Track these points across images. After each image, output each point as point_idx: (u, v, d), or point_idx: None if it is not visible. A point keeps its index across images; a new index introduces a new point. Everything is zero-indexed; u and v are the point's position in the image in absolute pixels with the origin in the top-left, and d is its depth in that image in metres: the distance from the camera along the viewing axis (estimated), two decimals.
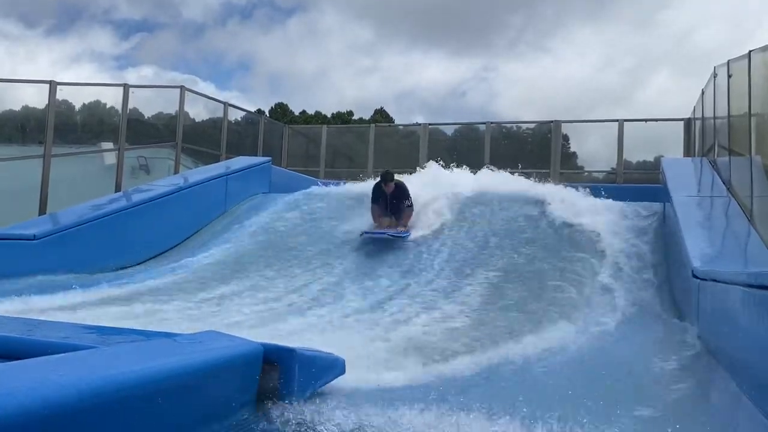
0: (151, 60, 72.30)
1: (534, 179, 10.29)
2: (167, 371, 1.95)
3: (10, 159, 10.53)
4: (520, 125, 17.59)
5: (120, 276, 7.28)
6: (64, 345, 2.39)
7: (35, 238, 7.09)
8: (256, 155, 13.94)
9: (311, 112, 39.71)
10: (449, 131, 17.24)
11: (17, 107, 12.25)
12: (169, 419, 1.93)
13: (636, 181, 12.92)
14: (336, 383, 2.92)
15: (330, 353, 2.99)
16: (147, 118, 13.51)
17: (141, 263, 8.11)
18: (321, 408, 2.55)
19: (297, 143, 17.38)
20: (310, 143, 17.30)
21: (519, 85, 68.48)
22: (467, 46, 77.00)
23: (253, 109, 23.98)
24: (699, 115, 11.11)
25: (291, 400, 2.49)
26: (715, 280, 3.96)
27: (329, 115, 38.35)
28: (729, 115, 7.35)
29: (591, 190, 9.26)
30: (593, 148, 15.88)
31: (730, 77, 7.30)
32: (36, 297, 5.57)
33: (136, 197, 8.90)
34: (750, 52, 5.93)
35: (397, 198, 8.90)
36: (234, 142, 14.23)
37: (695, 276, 4.60)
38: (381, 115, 37.55)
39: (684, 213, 6.25)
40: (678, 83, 54.42)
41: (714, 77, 8.99)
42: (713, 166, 8.50)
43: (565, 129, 14.97)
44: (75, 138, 12.38)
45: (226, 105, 14.08)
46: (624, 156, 13.77)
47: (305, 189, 10.94)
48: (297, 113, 39.04)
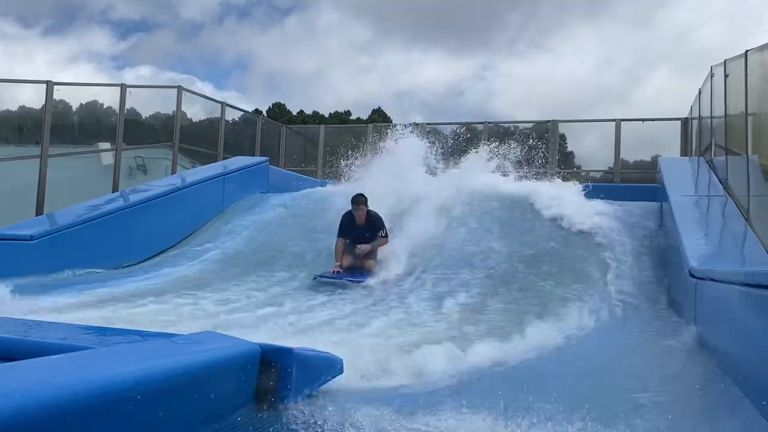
0: (149, 60, 72.34)
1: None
2: (165, 372, 1.95)
3: (6, 159, 10.51)
4: (517, 125, 17.60)
5: (114, 277, 7.26)
6: (61, 346, 2.39)
7: (32, 238, 7.07)
8: (253, 155, 13.94)
9: (309, 111, 39.76)
10: (447, 131, 17.23)
11: (14, 107, 12.25)
12: (167, 420, 1.92)
13: (633, 181, 12.94)
14: (334, 383, 2.92)
15: (328, 353, 2.98)
16: (144, 118, 13.51)
17: (139, 263, 8.10)
18: (319, 408, 2.54)
19: (295, 143, 17.36)
20: (307, 143, 17.29)
21: (518, 84, 68.64)
22: (466, 44, 77.16)
23: (251, 109, 23.98)
24: (696, 115, 11.13)
25: (289, 400, 2.48)
26: (713, 279, 3.96)
27: (327, 115, 38.38)
28: (726, 115, 7.37)
29: (587, 189, 9.19)
30: (591, 147, 15.94)
31: (726, 77, 7.32)
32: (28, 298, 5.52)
33: (133, 197, 8.88)
34: (746, 51, 5.95)
35: (371, 230, 7.34)
36: (231, 142, 14.22)
37: (692, 275, 4.61)
38: (379, 115, 37.59)
39: (681, 212, 6.26)
40: (677, 82, 54.63)
41: (711, 77, 9.00)
42: (710, 165, 8.52)
43: (563, 128, 15.00)
44: (72, 138, 12.38)
45: (223, 105, 14.07)
46: (621, 155, 13.80)
47: (306, 189, 10.97)
48: (294, 113, 39.06)
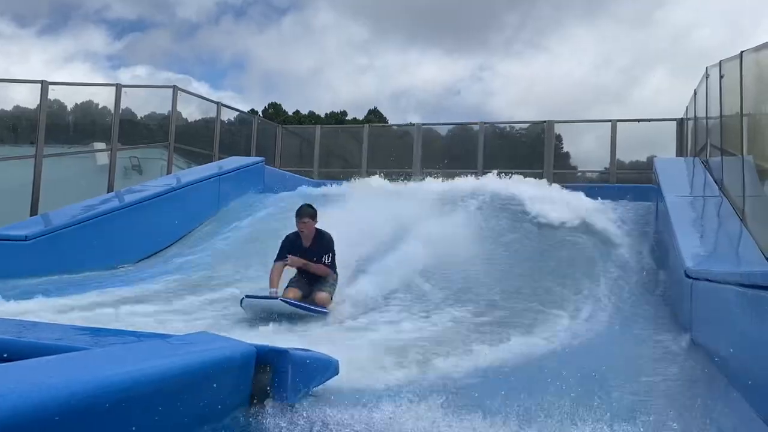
0: (145, 60, 72.15)
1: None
2: (160, 373, 1.94)
3: (1, 159, 10.46)
4: (513, 125, 17.63)
5: (109, 277, 7.25)
6: (56, 347, 2.38)
7: (27, 239, 7.05)
8: (249, 155, 13.92)
9: (305, 112, 39.69)
10: (443, 131, 17.27)
11: (9, 107, 12.19)
12: (163, 420, 1.92)
13: (629, 181, 12.96)
14: (330, 384, 2.91)
15: (324, 354, 2.98)
16: (140, 118, 13.46)
17: (133, 264, 8.08)
18: (315, 409, 2.54)
19: (290, 143, 17.34)
20: (303, 143, 17.27)
21: (515, 84, 68.67)
22: (463, 44, 77.11)
23: (247, 109, 23.96)
24: (691, 116, 11.16)
25: (285, 400, 2.48)
26: (708, 279, 3.97)
27: (323, 115, 38.34)
28: (721, 116, 7.39)
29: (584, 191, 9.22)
30: (586, 148, 15.95)
31: (722, 78, 7.34)
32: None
33: (128, 198, 8.87)
34: (742, 52, 5.96)
35: (318, 254, 5.75)
36: (227, 142, 14.19)
37: (688, 275, 4.62)
38: (375, 115, 37.57)
39: (677, 213, 6.28)
40: (675, 82, 54.71)
41: (706, 77, 9.03)
42: (705, 165, 8.54)
43: (559, 129, 15.01)
44: (67, 138, 12.33)
45: (219, 105, 14.04)
46: (617, 156, 13.83)
47: (298, 188, 10.97)
48: (290, 113, 39.00)
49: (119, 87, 11.52)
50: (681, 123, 13.06)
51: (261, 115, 30.05)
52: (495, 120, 25.29)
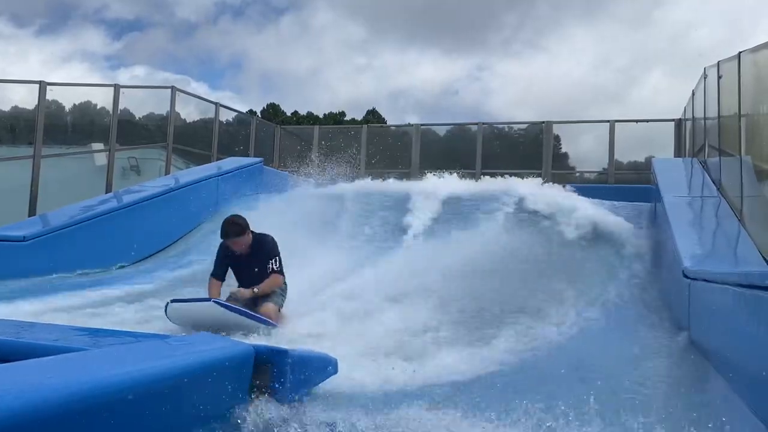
0: (144, 60, 72.12)
1: None
2: (159, 373, 1.94)
3: None
4: (512, 126, 17.65)
5: (107, 277, 7.24)
6: (54, 347, 2.38)
7: (25, 239, 7.04)
8: (247, 156, 13.91)
9: (303, 112, 39.72)
10: (441, 132, 17.28)
11: (7, 108, 12.19)
12: (161, 421, 1.92)
13: (627, 182, 12.98)
14: (329, 383, 2.91)
15: (322, 353, 2.98)
16: (138, 118, 13.46)
17: (132, 264, 8.07)
18: (314, 408, 2.54)
19: (289, 144, 17.34)
20: (302, 144, 17.27)
21: (513, 84, 68.77)
22: (462, 44, 77.25)
23: (245, 110, 23.94)
24: (689, 116, 11.17)
25: (283, 400, 2.48)
26: (706, 279, 3.98)
27: (321, 116, 38.35)
28: (719, 116, 7.39)
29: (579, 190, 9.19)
30: (585, 148, 15.98)
31: (720, 78, 7.35)
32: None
33: (126, 198, 8.85)
34: (740, 53, 5.97)
35: (259, 261, 5.09)
36: (225, 142, 14.18)
37: (686, 276, 4.62)
38: (373, 116, 37.59)
39: (675, 213, 6.28)
40: (673, 82, 54.81)
41: (704, 78, 9.04)
42: (704, 166, 8.55)
43: (557, 129, 15.02)
44: (65, 139, 12.33)
45: (217, 105, 14.04)
46: (615, 156, 13.84)
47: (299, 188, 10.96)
48: (289, 114, 39.03)
49: (117, 87, 11.52)
50: (679, 123, 13.08)
51: (259, 116, 30.06)
52: (493, 120, 25.30)
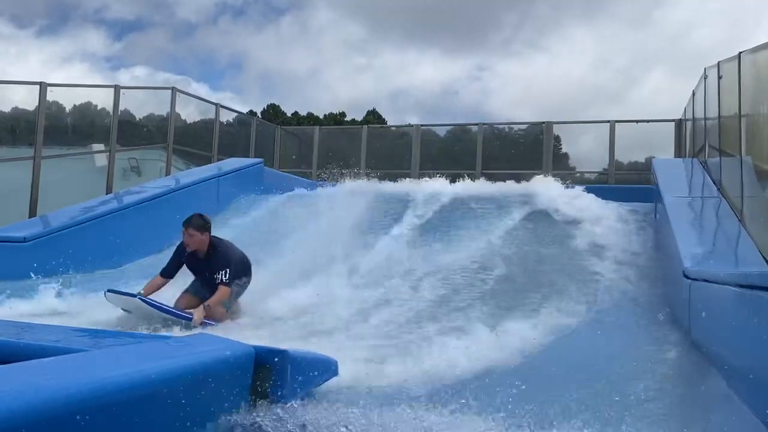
0: (144, 60, 72.23)
1: None
2: (159, 374, 1.94)
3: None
4: (512, 126, 17.65)
5: (106, 277, 7.24)
6: (54, 348, 2.37)
7: (26, 240, 7.04)
8: (248, 157, 13.91)
9: (303, 113, 39.75)
10: (442, 132, 17.28)
11: (7, 109, 12.18)
12: (161, 422, 1.92)
13: (628, 182, 12.98)
14: (329, 384, 2.91)
15: (323, 354, 2.98)
16: (138, 119, 13.46)
17: (132, 265, 8.07)
18: (314, 409, 2.54)
19: (289, 145, 17.35)
20: (302, 145, 17.29)
21: (513, 84, 68.79)
22: (462, 44, 77.29)
23: (246, 111, 23.95)
24: (690, 116, 11.17)
25: (284, 402, 2.48)
26: (707, 280, 3.97)
27: (321, 116, 38.37)
28: (719, 116, 7.39)
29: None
30: (585, 148, 15.97)
31: (720, 78, 7.35)
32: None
33: (127, 199, 8.85)
34: (740, 53, 5.97)
35: (211, 268, 5.27)
36: (226, 143, 14.19)
37: (687, 276, 4.62)
38: (373, 116, 37.61)
39: (675, 213, 6.28)
40: (674, 82, 54.85)
41: (704, 78, 9.04)
42: (704, 166, 8.55)
43: (557, 130, 15.02)
44: (65, 140, 12.31)
45: (217, 106, 14.05)
46: (616, 157, 13.84)
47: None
48: (289, 114, 39.05)
49: (118, 88, 11.52)
50: (679, 124, 13.07)
51: (260, 117, 30.07)
52: (494, 121, 25.29)
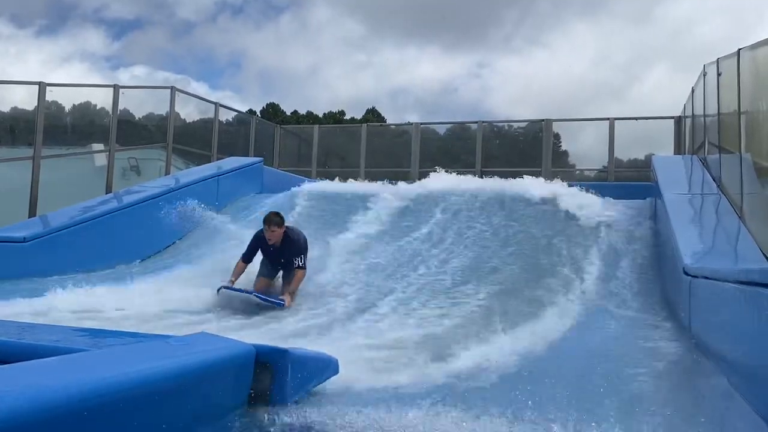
0: (143, 60, 72.19)
1: None
2: (160, 374, 1.94)
3: None
4: (511, 124, 17.64)
5: (106, 277, 7.23)
6: (55, 348, 2.38)
7: (25, 240, 7.04)
8: (247, 156, 13.90)
9: (303, 112, 39.72)
10: (441, 130, 17.27)
11: (6, 108, 12.16)
12: (162, 422, 1.92)
13: (627, 179, 12.98)
14: (330, 383, 2.91)
15: (323, 353, 2.98)
16: (138, 119, 13.44)
17: (132, 264, 8.07)
18: (314, 408, 2.54)
19: (289, 143, 17.35)
20: (302, 143, 17.28)
21: (514, 81, 68.73)
22: (461, 41, 77.23)
23: (245, 110, 23.95)
24: (689, 113, 11.17)
25: (284, 400, 2.48)
26: (707, 277, 3.98)
27: (321, 115, 38.35)
28: (719, 113, 7.39)
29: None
30: (585, 146, 15.94)
31: (719, 75, 7.34)
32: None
33: (127, 199, 8.85)
34: (739, 50, 5.96)
35: (287, 255, 6.15)
36: (225, 142, 14.18)
37: (686, 273, 4.62)
38: (373, 115, 37.59)
39: (675, 210, 6.28)
40: (674, 79, 54.79)
41: (704, 75, 9.03)
42: (704, 163, 8.55)
43: (557, 127, 15.01)
44: (65, 139, 12.30)
45: (217, 105, 14.04)
46: (615, 154, 13.83)
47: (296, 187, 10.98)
48: (289, 113, 39.02)
49: (117, 88, 11.51)
50: (679, 121, 13.07)
51: (259, 116, 30.06)
52: (493, 118, 25.29)
